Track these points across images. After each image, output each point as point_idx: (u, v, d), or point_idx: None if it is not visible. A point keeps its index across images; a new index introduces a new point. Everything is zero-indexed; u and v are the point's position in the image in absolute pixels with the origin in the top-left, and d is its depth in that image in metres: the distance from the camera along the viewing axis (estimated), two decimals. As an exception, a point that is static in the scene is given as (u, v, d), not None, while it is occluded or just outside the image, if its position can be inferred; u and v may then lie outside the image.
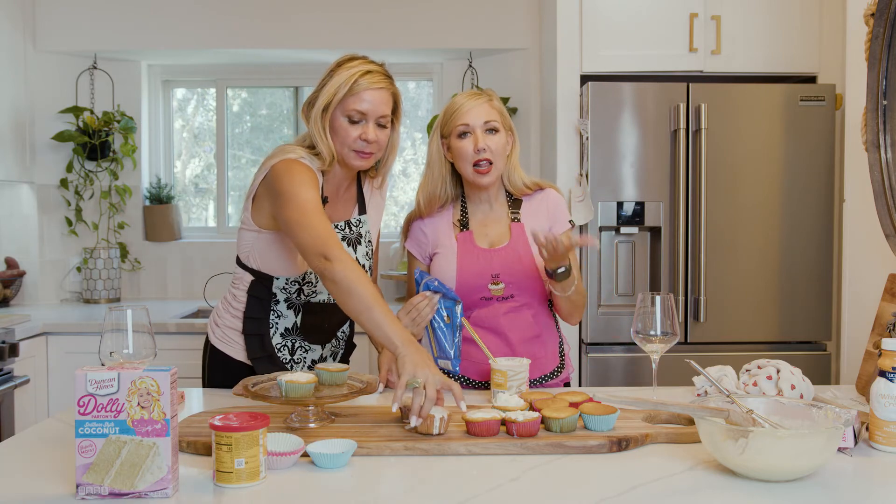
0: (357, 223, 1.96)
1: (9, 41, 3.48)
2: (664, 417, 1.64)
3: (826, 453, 1.29)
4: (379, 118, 1.85)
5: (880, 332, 1.89)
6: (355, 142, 1.84)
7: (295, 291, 1.92)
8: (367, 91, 1.82)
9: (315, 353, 2.00)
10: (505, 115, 2.00)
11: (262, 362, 1.91)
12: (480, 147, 1.92)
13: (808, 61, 3.14)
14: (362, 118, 1.83)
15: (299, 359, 1.98)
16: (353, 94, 1.81)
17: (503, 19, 3.74)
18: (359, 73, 1.82)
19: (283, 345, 1.95)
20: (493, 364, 1.80)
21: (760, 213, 3.02)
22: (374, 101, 1.83)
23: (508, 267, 1.96)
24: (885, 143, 2.14)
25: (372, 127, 1.84)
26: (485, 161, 1.94)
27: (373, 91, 1.82)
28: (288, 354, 1.96)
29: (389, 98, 1.87)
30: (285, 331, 1.95)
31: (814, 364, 2.99)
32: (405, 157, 4.29)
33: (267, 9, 3.73)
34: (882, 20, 2.11)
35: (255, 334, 1.92)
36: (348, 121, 1.83)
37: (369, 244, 1.98)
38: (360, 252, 1.94)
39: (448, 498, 1.25)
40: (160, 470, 1.23)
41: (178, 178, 4.22)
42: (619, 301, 3.04)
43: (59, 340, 3.21)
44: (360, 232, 1.95)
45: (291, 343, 1.96)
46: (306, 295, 1.93)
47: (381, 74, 1.85)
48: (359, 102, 1.82)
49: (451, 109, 1.98)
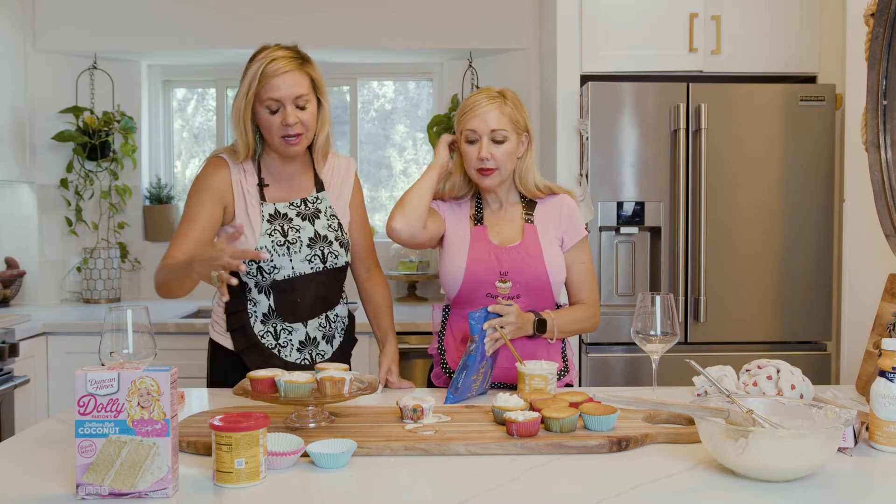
0: (314, 200, 2.06)
1: (9, 41, 3.48)
2: (664, 417, 1.64)
3: (826, 453, 1.29)
4: (295, 100, 1.92)
5: (880, 332, 1.90)
6: (279, 129, 1.94)
7: (256, 271, 1.98)
8: (276, 78, 1.90)
9: (299, 333, 2.03)
10: (518, 119, 1.96)
11: (250, 352, 2.00)
12: (484, 156, 1.93)
13: (808, 61, 3.14)
14: (279, 105, 1.92)
15: (285, 342, 2.02)
16: (264, 84, 1.91)
17: (503, 19, 3.74)
18: (265, 62, 1.91)
19: (266, 331, 2.01)
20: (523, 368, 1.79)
21: (760, 213, 3.02)
22: (285, 85, 1.90)
23: (517, 266, 1.96)
24: (885, 143, 2.14)
25: (291, 110, 1.92)
26: (487, 169, 1.94)
27: (280, 77, 1.90)
28: (273, 340, 2.01)
29: (302, 78, 1.94)
30: (264, 316, 2.01)
31: (814, 364, 2.99)
32: (406, 157, 4.29)
33: (267, 9, 3.73)
34: (882, 20, 2.11)
35: (238, 328, 2.01)
36: (268, 111, 1.93)
37: (332, 217, 2.06)
38: (318, 225, 2.03)
39: (448, 498, 1.25)
40: (160, 470, 1.23)
41: (178, 178, 4.22)
42: (619, 301, 3.04)
43: (59, 340, 3.21)
44: (317, 207, 2.05)
45: (273, 328, 2.01)
46: (267, 273, 1.98)
47: (286, 59, 1.92)
48: (271, 91, 1.91)
49: (464, 108, 1.98)
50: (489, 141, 1.93)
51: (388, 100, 4.30)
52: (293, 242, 1.98)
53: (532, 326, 1.90)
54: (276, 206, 2.01)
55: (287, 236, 1.98)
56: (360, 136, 4.20)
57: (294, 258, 1.98)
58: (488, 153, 1.92)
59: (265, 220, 1.98)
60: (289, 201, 2.03)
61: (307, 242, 1.99)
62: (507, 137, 1.94)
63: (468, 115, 1.95)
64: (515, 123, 1.96)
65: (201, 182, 1.99)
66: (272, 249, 1.96)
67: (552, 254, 1.98)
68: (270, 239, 1.96)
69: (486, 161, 1.93)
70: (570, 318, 1.99)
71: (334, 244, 2.03)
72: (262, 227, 1.97)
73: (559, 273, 1.98)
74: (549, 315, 1.94)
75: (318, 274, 2.01)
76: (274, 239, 1.97)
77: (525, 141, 2.00)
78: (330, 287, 2.05)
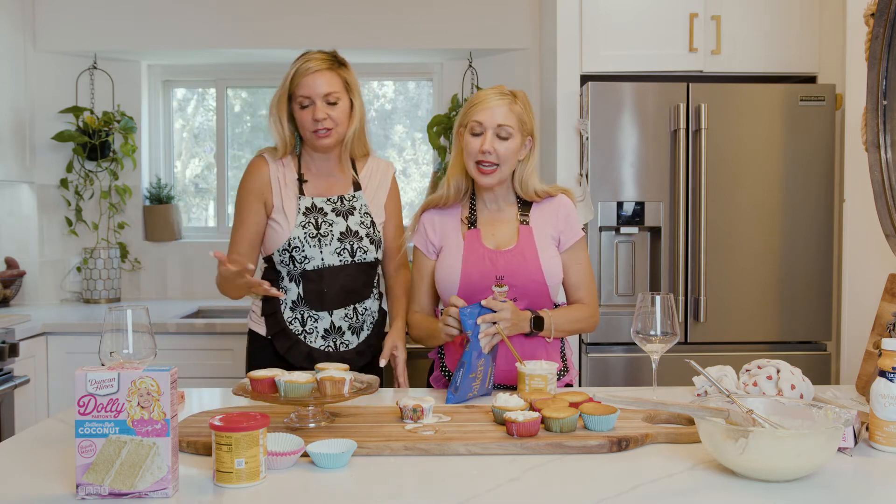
0: (351, 198, 2.19)
1: (9, 41, 3.48)
2: (664, 417, 1.64)
3: (826, 453, 1.29)
4: (326, 97, 2.08)
5: (880, 332, 1.90)
6: (311, 123, 2.09)
7: (288, 260, 2.13)
8: (308, 77, 2.08)
9: (325, 321, 2.15)
10: (525, 120, 1.96)
11: (280, 337, 2.16)
12: (486, 149, 1.91)
13: (808, 61, 3.14)
14: (310, 101, 2.08)
15: (311, 329, 2.16)
16: (297, 83, 2.09)
17: (503, 19, 3.73)
18: (300, 63, 2.09)
19: (294, 318, 2.16)
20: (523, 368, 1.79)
21: (760, 213, 3.02)
22: (316, 83, 2.07)
23: (513, 270, 1.95)
24: (885, 143, 2.14)
25: (320, 105, 2.08)
26: (487, 163, 1.93)
27: (312, 75, 2.07)
28: (300, 326, 2.16)
29: (333, 77, 2.10)
30: (293, 304, 2.16)
31: (814, 364, 2.99)
32: (405, 157, 4.29)
33: (267, 9, 3.73)
34: (882, 20, 2.11)
35: (271, 314, 2.17)
36: (300, 107, 2.10)
37: (366, 215, 2.19)
38: (352, 221, 2.16)
39: (448, 498, 1.25)
40: (160, 470, 1.23)
41: (178, 178, 4.22)
42: (619, 301, 3.04)
43: (59, 340, 3.21)
44: (352, 205, 2.18)
45: (301, 315, 2.15)
46: (299, 262, 2.13)
47: (319, 60, 2.10)
48: (303, 88, 2.08)
49: (472, 102, 1.98)
50: (493, 135, 1.93)
51: (388, 100, 4.30)
52: (325, 235, 2.12)
53: (529, 324, 1.90)
54: (313, 200, 2.15)
55: (319, 229, 2.12)
56: (360, 136, 4.20)
57: (324, 250, 2.11)
58: (491, 147, 1.92)
59: (301, 213, 2.13)
60: (326, 197, 2.17)
61: (338, 236, 2.13)
62: (512, 135, 1.94)
63: (476, 108, 1.95)
64: (522, 124, 1.96)
65: (243, 185, 2.18)
66: (304, 240, 2.10)
67: (548, 255, 1.97)
68: (304, 230, 2.11)
69: (488, 155, 1.92)
70: (568, 317, 1.99)
71: (364, 240, 2.15)
72: (297, 219, 2.12)
73: (556, 275, 1.98)
74: (546, 313, 1.93)
75: (346, 266, 2.14)
76: (307, 231, 2.11)
77: (528, 144, 1.99)
78: (356, 280, 2.16)
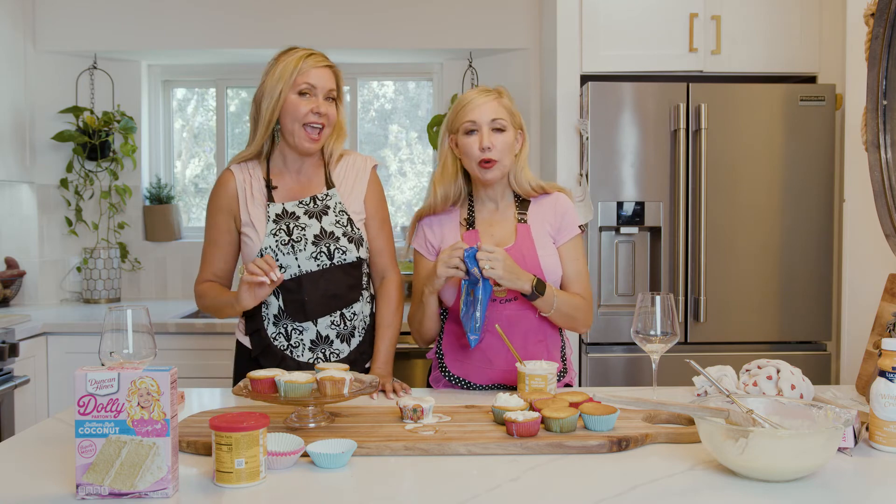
0: (324, 196, 2.07)
1: (9, 41, 3.48)
2: (664, 417, 1.64)
3: (826, 453, 1.29)
4: (328, 92, 2.02)
5: (880, 332, 1.89)
6: (307, 115, 1.99)
7: None
8: (314, 69, 2.01)
9: (310, 332, 2.01)
10: (514, 113, 1.98)
11: (266, 355, 2.03)
12: (485, 145, 1.91)
13: (808, 61, 3.14)
14: (312, 90, 2.00)
15: (296, 342, 2.02)
16: (302, 73, 2.00)
17: (503, 19, 3.74)
18: (303, 55, 2.02)
19: (278, 332, 2.03)
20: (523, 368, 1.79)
21: (760, 213, 3.02)
22: (321, 76, 2.02)
23: None
24: (885, 143, 2.14)
25: (322, 100, 2.01)
26: (488, 159, 1.93)
27: (318, 69, 2.02)
28: (284, 341, 2.03)
29: (332, 76, 2.05)
30: (275, 318, 2.03)
31: (814, 364, 2.99)
32: (401, 157, 4.29)
33: (267, 9, 3.73)
34: (882, 20, 2.11)
35: (254, 331, 2.04)
36: (298, 94, 2.00)
37: (342, 213, 2.05)
38: (326, 221, 2.03)
39: (448, 498, 1.25)
40: (160, 470, 1.23)
41: (178, 178, 4.22)
42: (619, 301, 3.04)
43: (59, 340, 3.21)
44: (326, 204, 2.06)
45: (285, 328, 2.02)
46: None
47: (322, 56, 2.06)
48: (310, 77, 2.00)
49: (459, 105, 1.98)
50: (489, 130, 1.93)
51: (388, 100, 4.30)
52: (297, 241, 1.98)
53: (530, 285, 1.85)
54: (283, 206, 2.03)
55: (292, 235, 1.99)
56: (360, 136, 4.20)
57: (299, 256, 1.98)
58: (490, 142, 1.91)
59: (271, 221, 2.00)
60: (298, 200, 2.05)
61: (312, 240, 1.99)
62: (507, 128, 1.95)
63: (466, 109, 1.95)
64: (513, 116, 1.97)
65: (211, 203, 2.08)
66: (277, 249, 1.97)
67: (546, 252, 1.97)
68: (275, 239, 1.98)
69: (488, 150, 1.92)
70: (569, 300, 1.96)
71: (341, 240, 2.01)
72: (268, 227, 1.99)
73: (554, 272, 1.98)
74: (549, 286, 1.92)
75: (326, 271, 2.00)
76: (278, 238, 1.98)
77: (520, 138, 2.00)
78: (339, 283, 2.01)
